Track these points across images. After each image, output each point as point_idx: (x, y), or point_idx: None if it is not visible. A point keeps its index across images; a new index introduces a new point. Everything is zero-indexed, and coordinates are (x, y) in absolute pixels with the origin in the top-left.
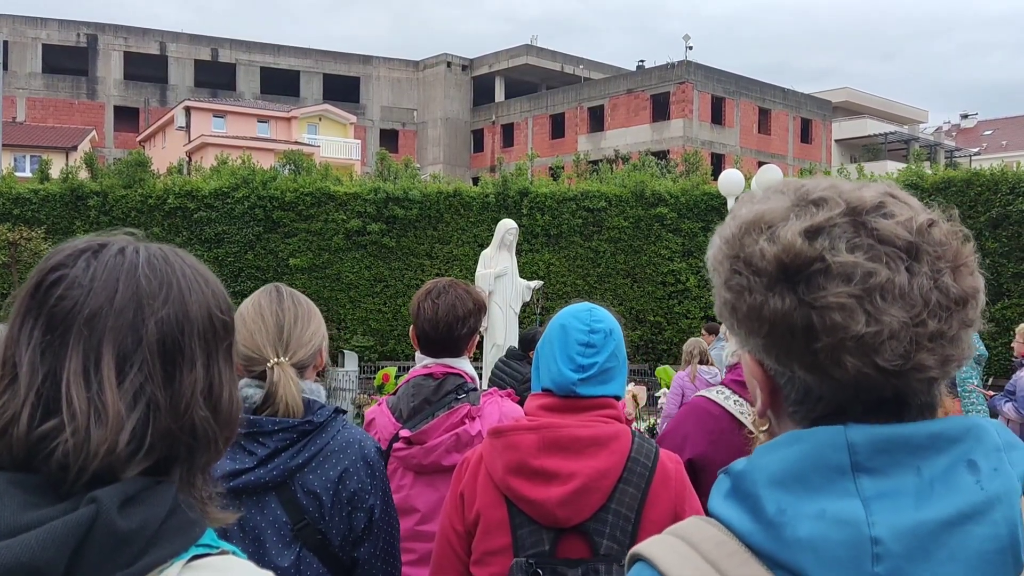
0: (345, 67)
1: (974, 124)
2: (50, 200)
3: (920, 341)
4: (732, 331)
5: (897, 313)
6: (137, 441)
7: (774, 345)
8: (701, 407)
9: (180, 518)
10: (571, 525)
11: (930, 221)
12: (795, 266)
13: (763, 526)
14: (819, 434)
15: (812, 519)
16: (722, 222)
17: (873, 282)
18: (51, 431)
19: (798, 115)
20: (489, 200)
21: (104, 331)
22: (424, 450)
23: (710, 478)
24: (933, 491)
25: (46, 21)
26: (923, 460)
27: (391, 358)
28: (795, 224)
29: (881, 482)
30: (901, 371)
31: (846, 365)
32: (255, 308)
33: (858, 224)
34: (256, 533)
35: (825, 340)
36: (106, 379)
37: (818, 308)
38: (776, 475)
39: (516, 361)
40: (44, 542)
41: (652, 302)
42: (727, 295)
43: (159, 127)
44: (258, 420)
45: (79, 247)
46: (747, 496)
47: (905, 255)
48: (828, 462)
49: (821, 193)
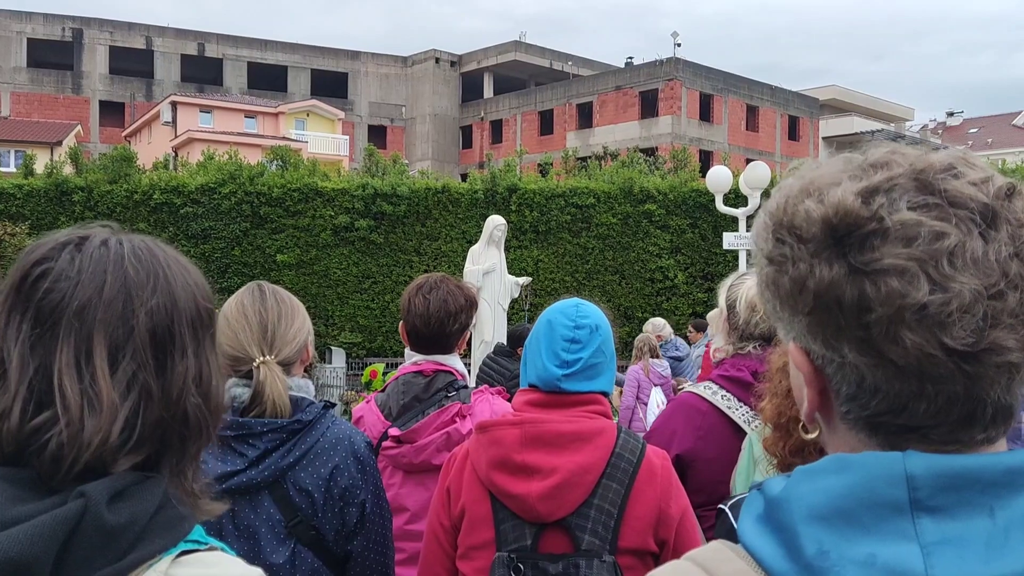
0: (333, 62)
1: (960, 122)
2: (34, 195)
3: (998, 316)
4: (775, 314)
5: (968, 280)
6: (129, 431)
7: (821, 323)
8: (689, 403)
9: (169, 513)
10: (553, 520)
11: (1011, 187)
12: (845, 227)
13: (800, 568)
14: (871, 461)
15: (860, 566)
16: (766, 201)
17: (940, 245)
18: (44, 423)
19: (786, 112)
20: (478, 196)
21: (94, 322)
22: (414, 449)
23: (698, 473)
24: (1008, 540)
25: (31, 15)
26: (997, 501)
27: (379, 355)
28: (849, 185)
29: (945, 525)
30: (973, 352)
31: (905, 343)
32: (238, 308)
33: (924, 184)
34: (251, 531)
35: (880, 311)
36: (99, 369)
37: (872, 274)
38: (818, 508)
39: (504, 358)
40: (32, 537)
41: (640, 299)
42: (769, 270)
43: (145, 122)
44: (247, 422)
45: (60, 240)
46: (783, 528)
47: (980, 219)
48: (882, 497)
49: (881, 157)
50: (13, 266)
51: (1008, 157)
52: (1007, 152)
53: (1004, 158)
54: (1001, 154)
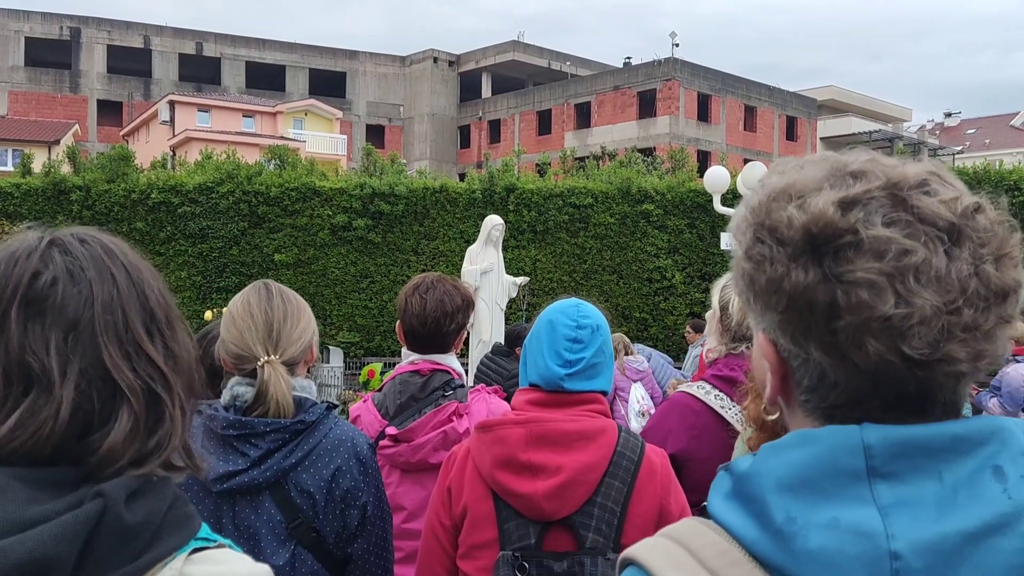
0: (331, 62)
1: (957, 123)
2: (32, 194)
3: (952, 330)
4: (747, 305)
5: (930, 297)
6: None
7: (791, 322)
8: (683, 403)
9: (179, 511)
10: (557, 518)
11: (976, 205)
12: (824, 237)
13: (770, 535)
14: (832, 435)
15: (825, 529)
16: (748, 193)
17: (908, 261)
18: (112, 418)
19: (784, 113)
20: (476, 196)
21: (125, 312)
22: (411, 448)
23: (692, 472)
24: (956, 500)
25: (29, 14)
26: (945, 465)
27: (377, 354)
28: (829, 194)
29: (900, 489)
30: (928, 361)
31: (868, 349)
32: (244, 306)
33: (897, 199)
34: (251, 532)
35: (848, 319)
36: (151, 354)
37: (844, 283)
38: (785, 479)
39: (502, 357)
40: (56, 536)
41: (638, 298)
42: (746, 265)
43: (143, 121)
44: (250, 422)
45: (37, 249)
46: (752, 500)
47: (946, 236)
48: (842, 466)
49: (860, 166)
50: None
51: (1006, 158)
52: (1005, 152)
53: (1001, 159)
54: (999, 154)
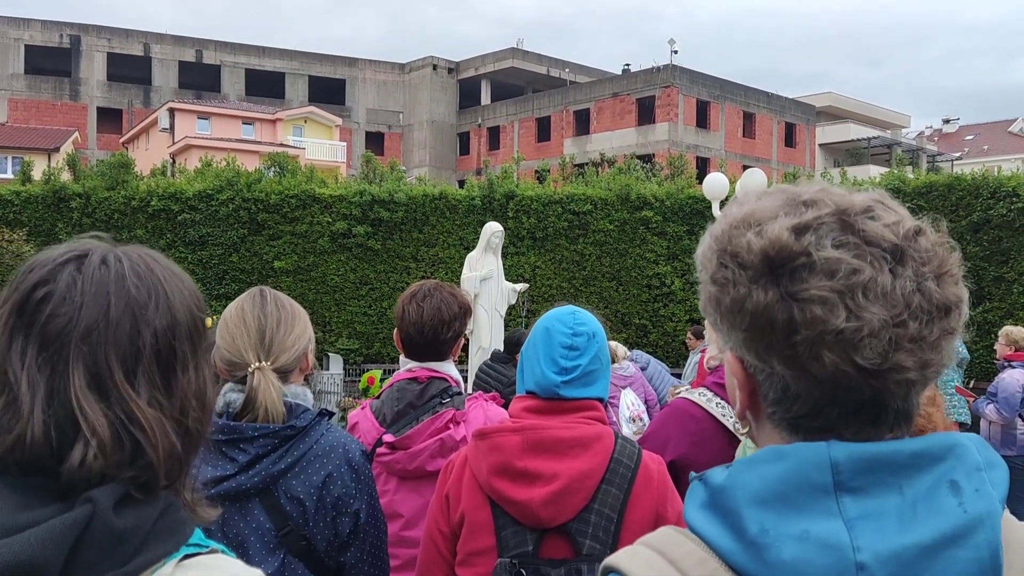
0: (331, 69)
1: (956, 129)
2: (32, 202)
3: (899, 342)
4: (715, 326)
5: (878, 311)
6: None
7: (755, 339)
8: (683, 409)
9: (171, 517)
10: (554, 525)
11: (917, 228)
12: (780, 259)
13: (745, 546)
14: (801, 451)
15: (796, 541)
16: (712, 223)
17: (856, 279)
18: (72, 448)
19: (782, 119)
20: (475, 203)
21: (104, 345)
22: (408, 455)
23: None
24: (916, 513)
25: (29, 22)
26: (906, 480)
27: (376, 361)
28: (784, 220)
29: (864, 502)
30: (879, 370)
31: (824, 360)
32: (238, 312)
33: (846, 224)
34: (240, 540)
35: (805, 333)
36: (123, 391)
37: (800, 301)
38: (758, 493)
39: (501, 364)
40: (44, 540)
41: (637, 305)
42: (712, 288)
43: (143, 128)
44: (238, 426)
45: (58, 260)
46: (727, 513)
47: (890, 257)
48: (811, 481)
49: (812, 195)
50: (9, 285)
51: (1004, 164)
52: (1003, 159)
53: (1000, 165)
54: (997, 161)
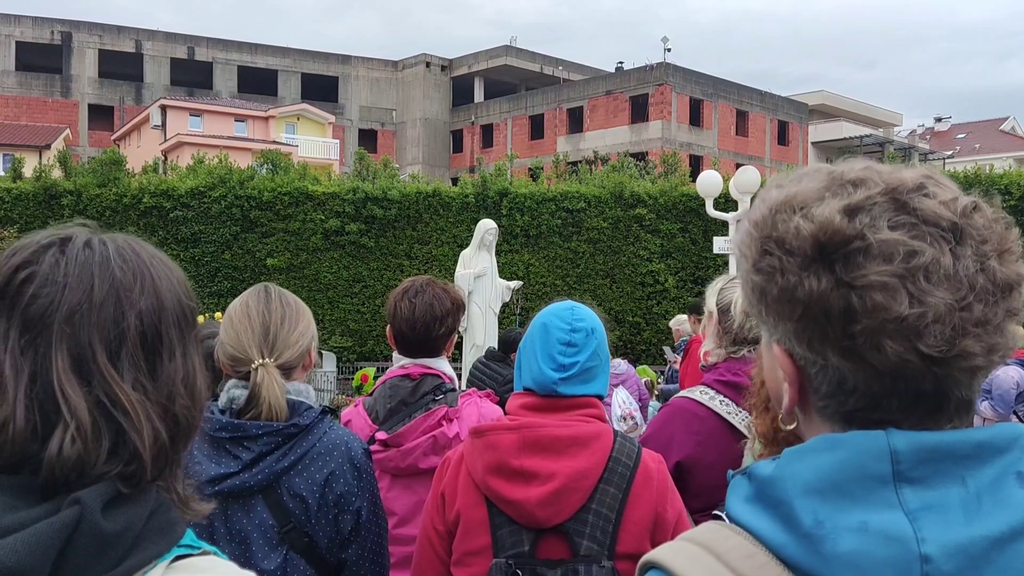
0: (324, 66)
1: (948, 127)
2: (23, 199)
3: (966, 327)
4: (759, 318)
5: (943, 295)
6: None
7: (807, 330)
8: (685, 408)
9: (162, 518)
10: (551, 525)
11: (974, 204)
12: (833, 244)
13: (798, 538)
14: (859, 440)
15: (854, 532)
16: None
17: (917, 262)
18: (53, 433)
19: (775, 117)
20: (468, 200)
21: (88, 327)
22: (401, 453)
23: (698, 480)
24: (981, 505)
25: (19, 18)
26: (968, 471)
27: (370, 359)
28: (833, 202)
29: (924, 494)
30: (945, 358)
31: (886, 350)
32: (242, 308)
33: (899, 203)
34: (242, 536)
35: (865, 322)
36: (107, 374)
37: (858, 288)
38: (812, 483)
39: (496, 362)
40: (30, 546)
41: (631, 303)
42: (756, 278)
43: (134, 126)
44: (242, 424)
45: (42, 243)
46: (778, 504)
47: (950, 236)
48: (868, 471)
49: (858, 174)
50: None
51: (995, 162)
52: (995, 157)
53: (991, 163)
54: (988, 159)
